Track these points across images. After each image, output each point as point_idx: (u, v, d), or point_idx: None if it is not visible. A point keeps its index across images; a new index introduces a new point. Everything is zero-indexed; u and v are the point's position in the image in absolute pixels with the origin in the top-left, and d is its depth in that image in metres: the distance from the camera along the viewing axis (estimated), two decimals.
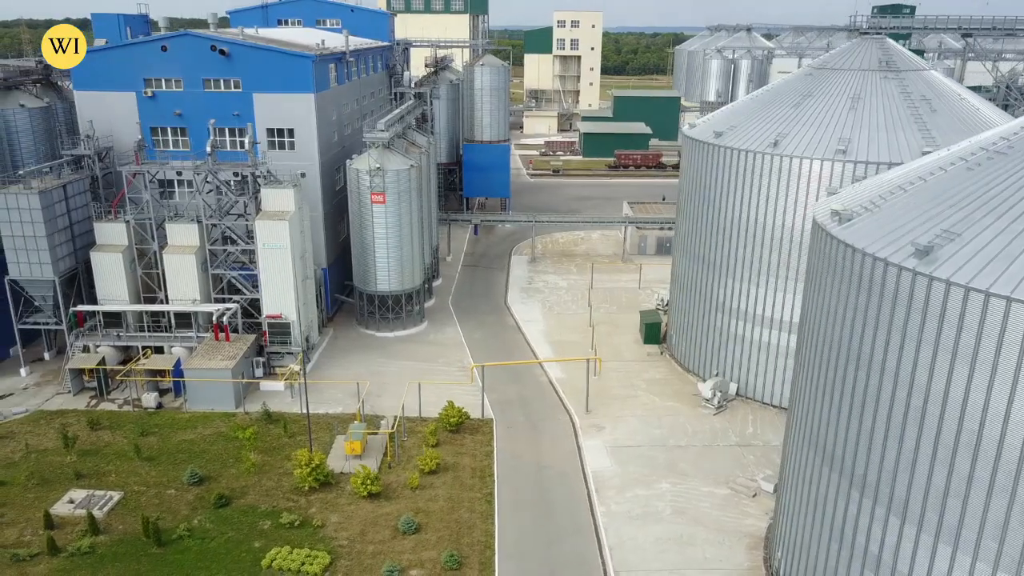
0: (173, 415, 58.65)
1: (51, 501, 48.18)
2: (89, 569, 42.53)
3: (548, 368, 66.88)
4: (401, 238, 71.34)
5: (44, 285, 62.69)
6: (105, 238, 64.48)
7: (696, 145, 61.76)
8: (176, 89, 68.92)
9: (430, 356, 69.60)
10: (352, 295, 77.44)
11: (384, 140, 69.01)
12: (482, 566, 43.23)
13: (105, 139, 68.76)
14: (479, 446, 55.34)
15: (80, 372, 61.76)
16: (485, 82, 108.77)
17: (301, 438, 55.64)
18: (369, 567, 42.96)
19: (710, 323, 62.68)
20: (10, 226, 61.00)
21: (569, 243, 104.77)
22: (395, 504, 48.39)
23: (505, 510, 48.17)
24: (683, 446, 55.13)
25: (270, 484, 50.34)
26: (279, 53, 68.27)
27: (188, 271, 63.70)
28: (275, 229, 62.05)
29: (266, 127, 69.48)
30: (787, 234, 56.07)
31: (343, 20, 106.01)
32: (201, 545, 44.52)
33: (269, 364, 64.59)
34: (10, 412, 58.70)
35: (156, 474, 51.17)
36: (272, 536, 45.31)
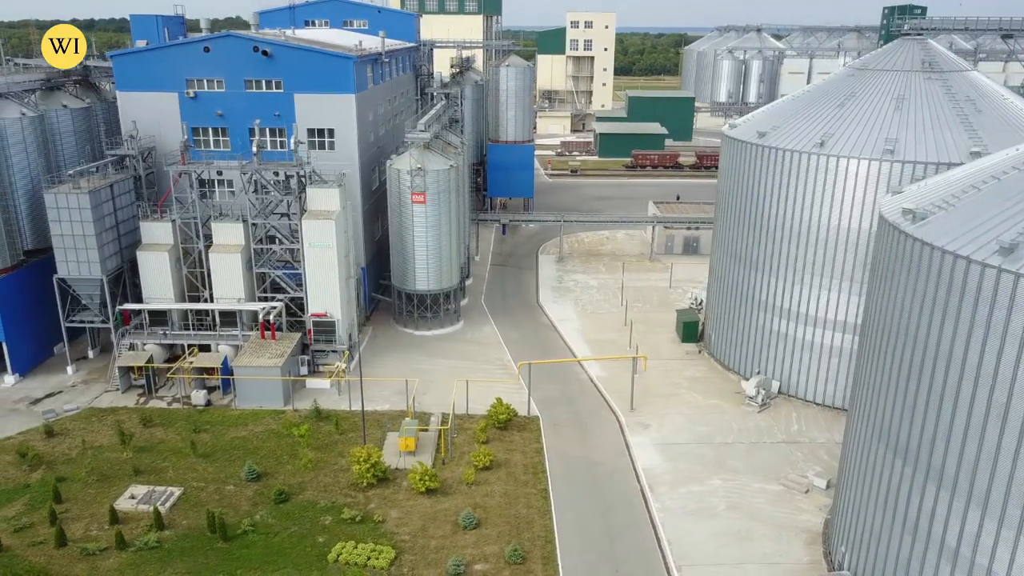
0: (223, 412, 59.23)
1: (113, 496, 48.76)
2: (158, 563, 43.11)
3: (588, 367, 67.43)
4: (440, 238, 71.92)
5: (92, 284, 63.27)
6: (151, 237, 65.07)
7: (738, 145, 62.31)
8: (218, 90, 69.46)
9: (470, 355, 70.17)
10: (388, 294, 78.02)
11: (425, 140, 69.59)
12: (545, 560, 43.80)
13: (147, 139, 69.33)
14: (528, 443, 55.91)
15: (128, 370, 62.34)
16: (510, 83, 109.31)
17: (352, 435, 56.25)
18: (433, 561, 43.53)
19: (751, 322, 63.22)
20: (59, 225, 61.58)
21: (595, 243, 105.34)
22: (452, 500, 48.96)
23: (561, 506, 48.74)
24: (730, 443, 55.68)
25: (327, 480, 50.91)
26: (321, 54, 68.85)
27: (233, 270, 64.27)
28: (322, 228, 62.65)
29: (306, 127, 69.95)
30: (832, 233, 56.60)
31: (370, 21, 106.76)
32: (266, 540, 45.10)
33: (314, 362, 65.16)
34: (62, 409, 59.28)
35: (213, 470, 51.75)
36: (334, 531, 45.88)
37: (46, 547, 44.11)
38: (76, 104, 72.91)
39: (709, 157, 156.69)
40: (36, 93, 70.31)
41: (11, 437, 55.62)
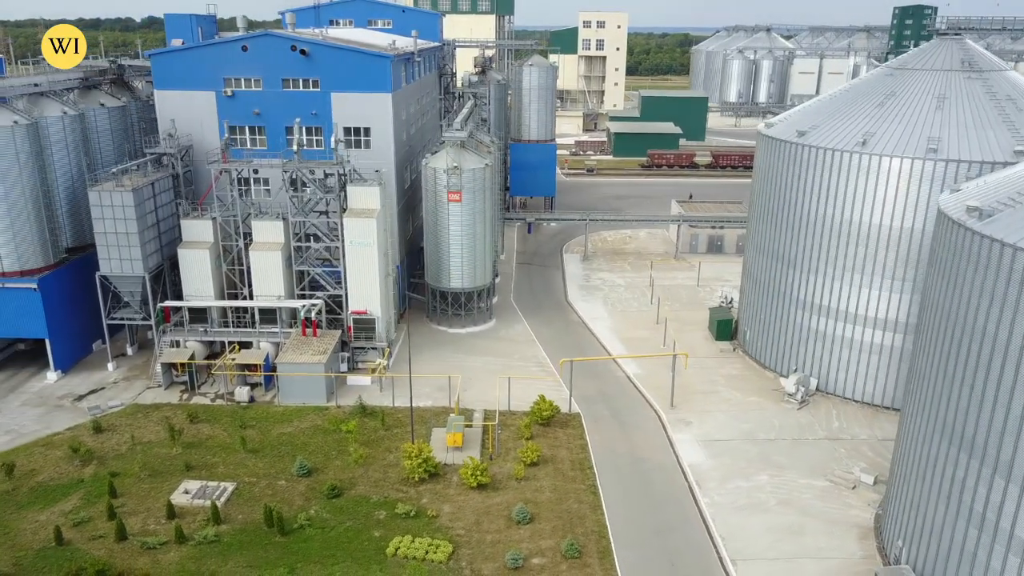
0: (267, 409, 59.66)
1: (166, 492, 49.18)
2: (218, 557, 43.53)
3: (625, 364, 67.84)
4: (475, 236, 72.34)
5: (134, 281, 63.74)
6: (191, 235, 65.48)
7: (777, 144, 62.69)
8: (255, 88, 69.83)
9: (505, 352, 70.60)
10: (420, 291, 78.43)
11: (462, 139, 70.01)
12: (600, 555, 44.21)
13: (185, 137, 69.72)
14: (572, 439, 56.33)
15: (170, 367, 62.75)
16: (533, 82, 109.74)
17: (397, 431, 56.68)
18: (490, 555, 43.95)
19: (788, 319, 63.61)
20: (103, 223, 62.06)
21: (618, 241, 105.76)
22: (503, 495, 49.38)
23: (611, 501, 49.15)
24: (772, 439, 56.09)
25: (377, 475, 51.34)
26: (359, 53, 69.26)
27: (274, 267, 64.68)
28: (363, 226, 63.09)
29: (343, 126, 70.29)
30: (874, 231, 56.99)
31: (394, 20, 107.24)
32: (322, 534, 45.52)
33: (353, 359, 65.57)
34: (107, 405, 59.71)
35: (263, 466, 52.18)
36: (389, 526, 46.30)
37: (106, 541, 44.54)
38: (112, 103, 73.36)
39: (725, 157, 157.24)
40: (74, 92, 70.73)
41: (59, 433, 56.05)
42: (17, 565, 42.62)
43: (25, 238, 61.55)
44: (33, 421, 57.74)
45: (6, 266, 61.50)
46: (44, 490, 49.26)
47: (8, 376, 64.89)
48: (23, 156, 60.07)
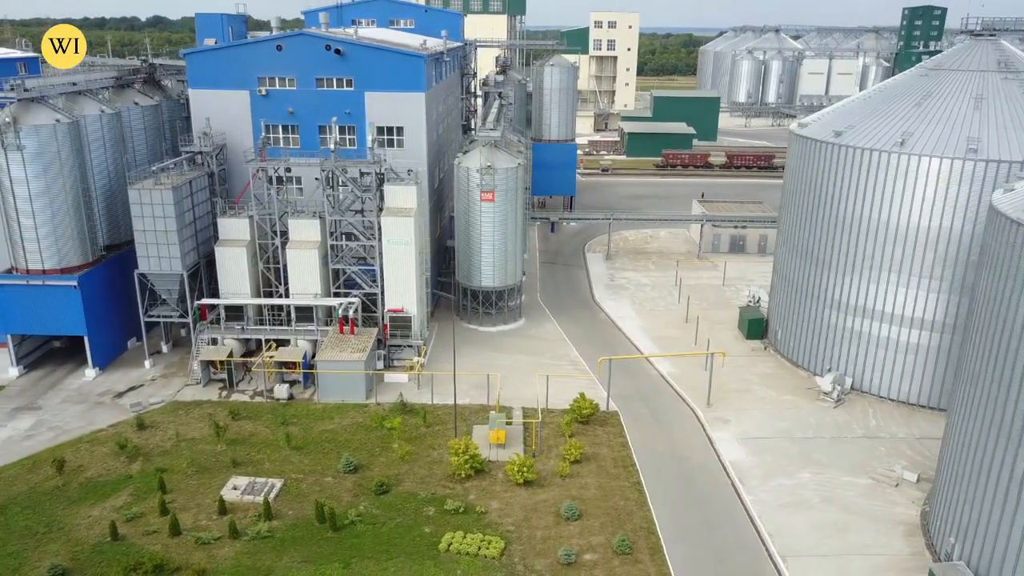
0: (307, 406, 60.02)
1: (214, 487, 49.57)
2: (272, 552, 43.90)
3: (658, 363, 68.20)
4: (506, 235, 72.69)
5: (172, 279, 64.09)
6: (228, 233, 65.81)
7: (812, 144, 63.02)
8: (289, 88, 70.13)
9: (537, 350, 70.96)
10: (447, 290, 78.79)
11: (496, 138, 70.39)
12: (651, 551, 44.59)
13: (219, 136, 70.04)
14: (611, 437, 56.70)
15: (208, 364, 63.11)
16: (554, 82, 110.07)
17: (438, 427, 57.07)
18: (542, 551, 44.32)
19: (822, 319, 63.96)
20: (142, 221, 62.38)
21: (639, 241, 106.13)
22: (549, 492, 49.76)
23: (656, 498, 49.52)
24: (811, 438, 56.46)
25: (422, 472, 51.71)
26: (394, 52, 69.62)
27: (310, 266, 65.02)
28: (400, 225, 63.46)
29: (376, 125, 70.61)
30: (912, 231, 57.33)
31: (416, 20, 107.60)
32: (374, 530, 45.89)
33: (389, 357, 65.94)
34: (147, 402, 60.08)
35: (309, 462, 52.55)
36: (439, 521, 46.67)
37: (160, 536, 44.89)
38: (146, 102, 73.77)
39: (739, 157, 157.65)
40: (108, 91, 71.10)
41: (103, 429, 56.44)
42: (75, 560, 42.98)
43: (65, 236, 61.95)
44: (76, 418, 58.11)
45: (46, 264, 61.88)
46: (94, 486, 49.62)
47: (46, 373, 65.25)
48: (64, 154, 60.46)
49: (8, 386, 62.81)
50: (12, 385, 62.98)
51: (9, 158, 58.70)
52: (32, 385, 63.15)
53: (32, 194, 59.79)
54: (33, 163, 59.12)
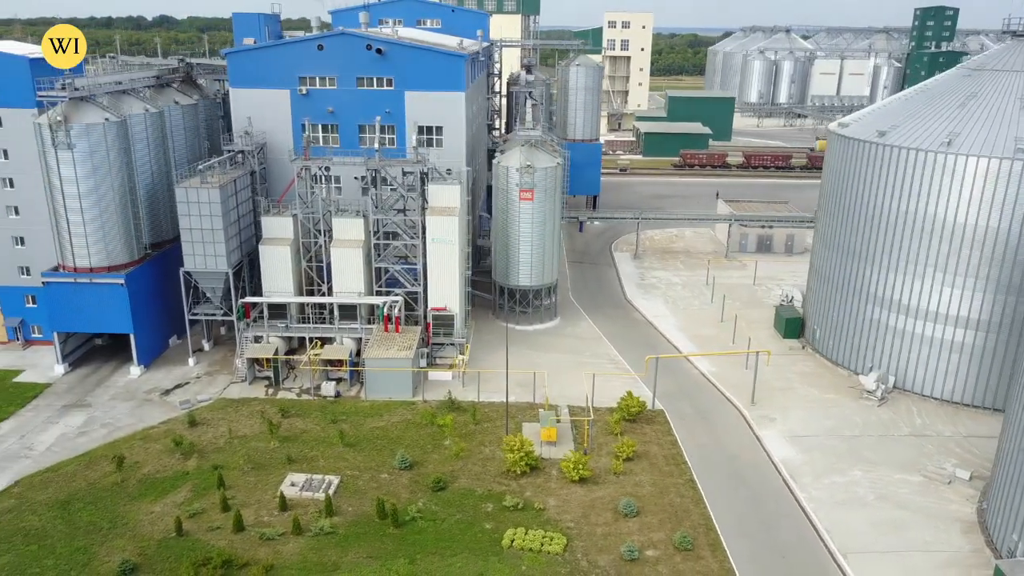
0: (354, 404, 60.34)
1: (272, 484, 49.90)
2: (337, 548, 44.21)
3: (698, 362, 68.51)
4: (544, 234, 73.00)
5: (217, 277, 64.40)
6: (272, 232, 66.14)
7: (854, 144, 63.31)
8: (329, 87, 70.45)
9: (575, 349, 71.27)
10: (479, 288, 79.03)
11: (538, 137, 70.69)
12: (711, 547, 44.91)
13: (259, 135, 70.33)
14: (660, 435, 57.02)
15: (253, 362, 63.43)
16: (580, 81, 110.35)
17: (486, 425, 57.41)
18: (603, 547, 44.64)
19: (864, 317, 64.26)
20: (189, 219, 62.69)
21: (665, 240, 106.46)
22: (604, 488, 50.08)
23: (711, 495, 49.83)
24: (858, 436, 56.77)
25: (476, 469, 52.04)
26: (435, 52, 69.97)
27: (354, 264, 65.31)
28: (445, 224, 63.79)
29: (415, 124, 70.91)
30: (958, 230, 57.66)
31: (443, 20, 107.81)
32: (435, 526, 46.20)
33: (432, 355, 66.23)
34: (195, 400, 60.41)
35: (363, 459, 52.87)
36: (499, 518, 46.99)
37: (224, 532, 45.22)
38: (185, 101, 74.06)
39: (756, 157, 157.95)
40: (149, 90, 71.39)
41: (154, 426, 56.78)
42: (142, 555, 43.30)
43: (113, 234, 62.26)
44: (126, 415, 58.44)
45: (94, 262, 62.19)
46: (152, 482, 49.95)
47: (91, 371, 65.57)
48: (113, 153, 60.79)
49: (55, 383, 63.14)
50: (59, 382, 63.31)
51: (60, 157, 58.99)
52: (79, 382, 63.48)
53: (81, 192, 60.11)
54: (83, 162, 59.45)
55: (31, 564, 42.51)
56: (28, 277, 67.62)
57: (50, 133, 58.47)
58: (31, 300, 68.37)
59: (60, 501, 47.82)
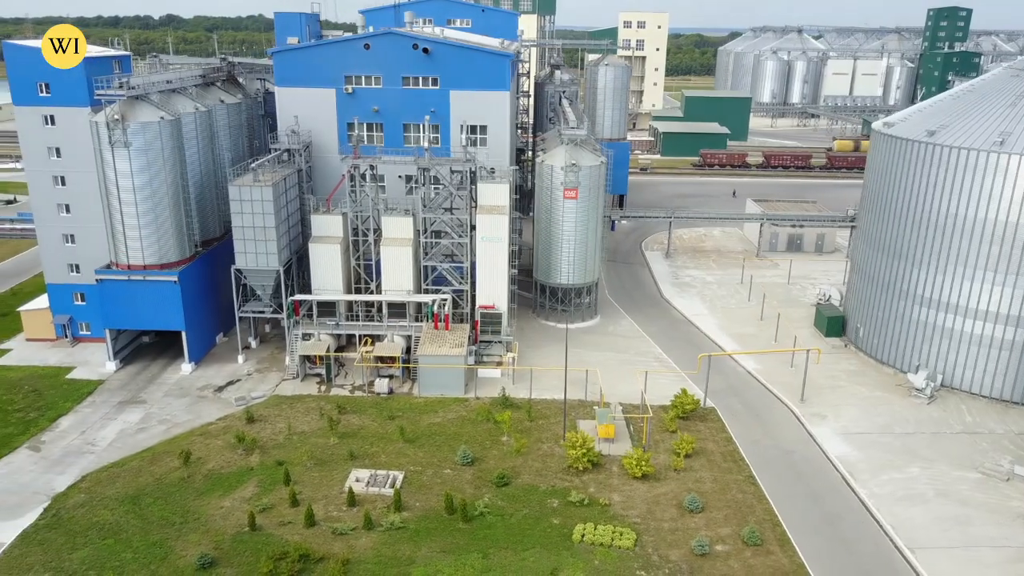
0: (408, 400, 60.76)
1: (337, 479, 50.30)
2: (409, 543, 44.61)
3: (743, 360, 68.86)
4: (587, 232, 73.40)
5: (268, 275, 64.78)
6: (321, 230, 66.50)
7: (901, 143, 63.69)
8: (375, 86, 70.84)
9: (620, 347, 71.67)
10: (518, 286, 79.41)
11: (583, 137, 71.10)
12: (779, 542, 45.32)
13: (305, 134, 70.68)
14: (714, 432, 57.42)
15: (305, 359, 63.82)
16: (608, 81, 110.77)
17: (541, 422, 57.82)
18: (673, 542, 45.05)
19: (910, 316, 64.63)
20: (241, 217, 63.04)
21: (695, 239, 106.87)
22: (666, 485, 50.48)
23: (772, 491, 50.22)
24: (911, 433, 57.18)
25: (536, 465, 52.44)
26: (481, 52, 70.38)
27: (403, 262, 65.69)
28: (495, 223, 64.19)
29: (460, 123, 71.29)
30: (1010, 229, 58.07)
31: (473, 20, 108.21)
32: (503, 521, 46.60)
33: (479, 353, 66.62)
34: (250, 397, 60.81)
35: (424, 455, 53.27)
36: (565, 513, 47.38)
37: (296, 527, 45.63)
38: (230, 99, 74.48)
39: (776, 157, 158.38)
40: (195, 89, 71.77)
41: (212, 423, 57.19)
42: (218, 549, 43.69)
43: (166, 232, 62.66)
44: (182, 411, 58.86)
45: (147, 259, 62.59)
46: (218, 477, 50.36)
47: (142, 368, 65.99)
48: (167, 151, 61.20)
49: (108, 380, 63.55)
50: (112, 379, 63.72)
51: (116, 155, 59.40)
52: (131, 379, 63.89)
53: (136, 190, 60.50)
54: (138, 159, 59.85)
55: (110, 557, 42.91)
56: (77, 275, 67.99)
57: (107, 131, 58.86)
58: (80, 298, 68.75)
59: (130, 496, 48.22)
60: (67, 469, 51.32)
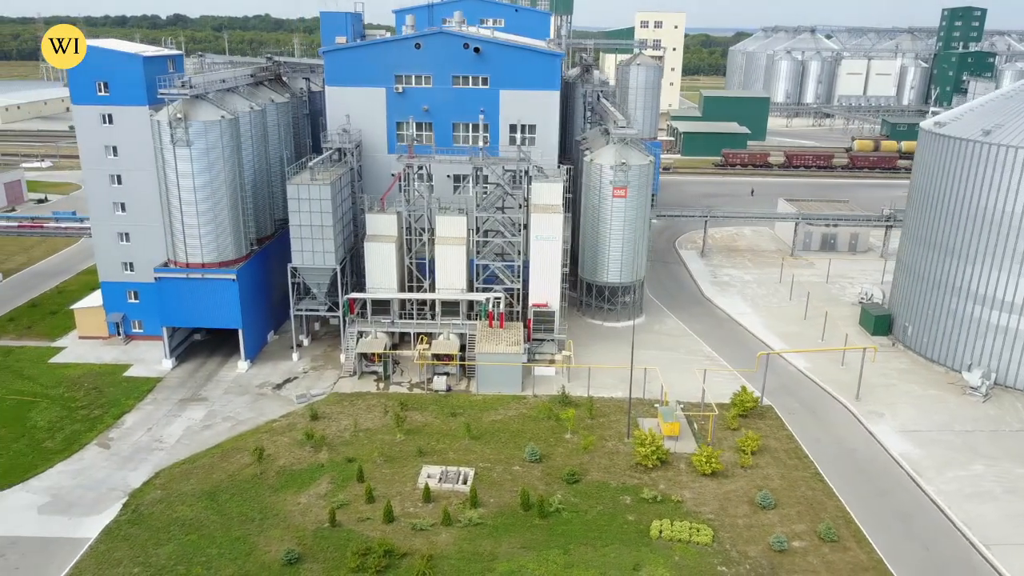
0: (467, 397, 61.10)
1: (408, 476, 50.64)
2: (489, 539, 44.95)
3: (793, 359, 69.13)
4: (636, 231, 73.72)
5: (325, 273, 65.14)
6: (376, 229, 66.78)
7: (955, 143, 64.00)
8: (425, 86, 71.24)
9: (668, 345, 71.99)
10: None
11: (633, 135, 71.44)
12: (855, 538, 45.65)
13: (355, 133, 71.01)
14: (774, 430, 57.76)
15: (362, 356, 64.16)
16: (640, 80, 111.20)
17: (602, 419, 58.16)
18: (749, 539, 45.41)
19: (963, 315, 64.94)
20: (299, 216, 63.38)
21: (727, 239, 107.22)
22: (735, 482, 50.83)
23: (840, 488, 50.54)
24: (970, 431, 57.51)
25: (603, 462, 52.79)
26: (532, 51, 70.73)
27: (457, 261, 66.03)
28: (549, 222, 64.54)
29: (508, 123, 71.68)
30: None
31: (507, 20, 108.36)
32: (579, 518, 46.95)
33: (532, 351, 66.96)
34: (310, 394, 61.15)
35: (491, 452, 53.61)
36: (639, 510, 47.72)
37: (374, 523, 45.97)
38: (279, 98, 74.80)
39: (798, 156, 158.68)
40: (245, 88, 72.09)
41: (276, 420, 57.54)
42: (301, 544, 44.04)
43: (224, 230, 63.03)
44: (245, 408, 59.21)
45: (206, 257, 62.92)
46: (290, 474, 50.69)
47: (197, 365, 66.34)
48: (226, 150, 61.54)
49: (166, 377, 63.89)
50: (169, 377, 64.07)
51: (178, 153, 59.73)
52: (188, 377, 64.25)
53: (196, 188, 60.83)
54: (200, 158, 60.18)
55: (195, 553, 43.26)
56: (131, 273, 68.31)
57: (169, 130, 59.20)
58: (133, 296, 69.08)
59: (206, 492, 48.58)
60: (139, 466, 51.66)
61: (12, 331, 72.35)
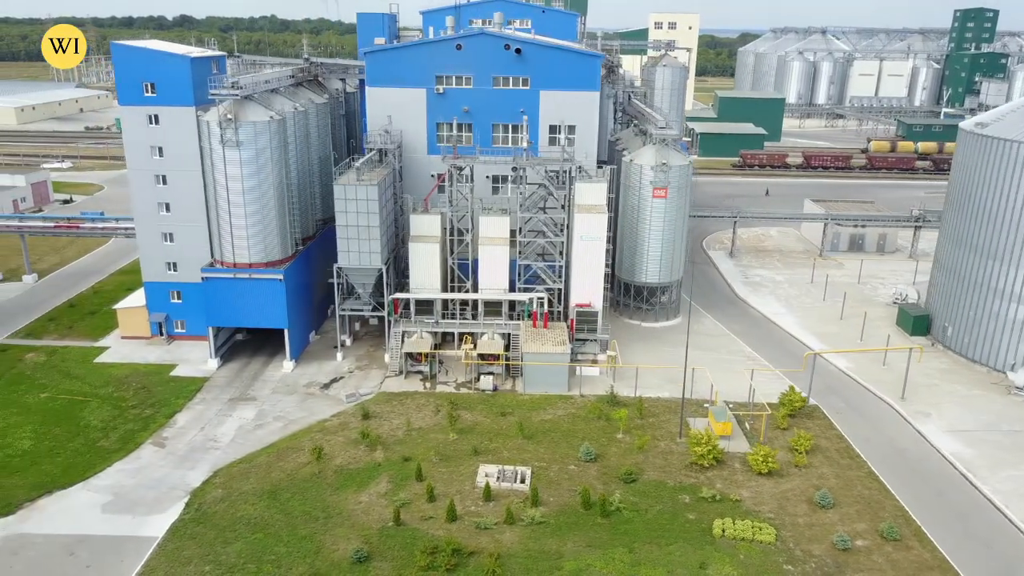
0: (514, 397, 61.31)
1: (465, 475, 50.84)
2: (554, 537, 45.15)
3: (834, 359, 69.28)
4: (675, 231, 73.99)
5: (370, 273, 65.35)
6: (419, 229, 66.94)
7: (1000, 144, 64.19)
8: (466, 86, 71.43)
9: (708, 346, 72.16)
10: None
11: (674, 136, 71.66)
12: (917, 537, 45.86)
13: (395, 133, 71.21)
14: (823, 429, 57.96)
15: (408, 356, 64.37)
16: (666, 81, 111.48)
17: (652, 419, 58.36)
18: (811, 537, 45.62)
19: (1005, 315, 65.12)
20: (345, 216, 63.57)
21: (754, 239, 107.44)
22: (791, 481, 51.04)
23: (896, 487, 50.73)
24: (1019, 431, 57.71)
25: (658, 461, 52.99)
26: (572, 52, 70.99)
27: (500, 261, 66.23)
28: (594, 222, 64.75)
29: (548, 124, 71.85)
30: None
31: (534, 20, 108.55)
32: (640, 517, 47.16)
33: (575, 351, 67.11)
34: (359, 394, 61.36)
35: (545, 451, 53.82)
36: (699, 509, 47.93)
37: (438, 521, 46.18)
38: (318, 99, 75.05)
39: (816, 157, 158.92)
40: (286, 89, 72.33)
41: (328, 419, 57.75)
42: (367, 543, 44.24)
43: (271, 230, 63.27)
44: (295, 408, 59.44)
45: (253, 257, 63.16)
46: (348, 473, 50.90)
47: (242, 365, 66.58)
48: (274, 150, 61.80)
49: (212, 377, 64.12)
50: (216, 376, 64.31)
51: (227, 154, 59.97)
52: (235, 376, 64.49)
53: (245, 188, 61.07)
54: (248, 158, 60.43)
55: (264, 551, 43.49)
56: (175, 273, 68.54)
57: (219, 130, 59.44)
58: (176, 296, 69.31)
59: (267, 491, 48.79)
60: (196, 465, 51.89)
61: (54, 331, 72.59)
